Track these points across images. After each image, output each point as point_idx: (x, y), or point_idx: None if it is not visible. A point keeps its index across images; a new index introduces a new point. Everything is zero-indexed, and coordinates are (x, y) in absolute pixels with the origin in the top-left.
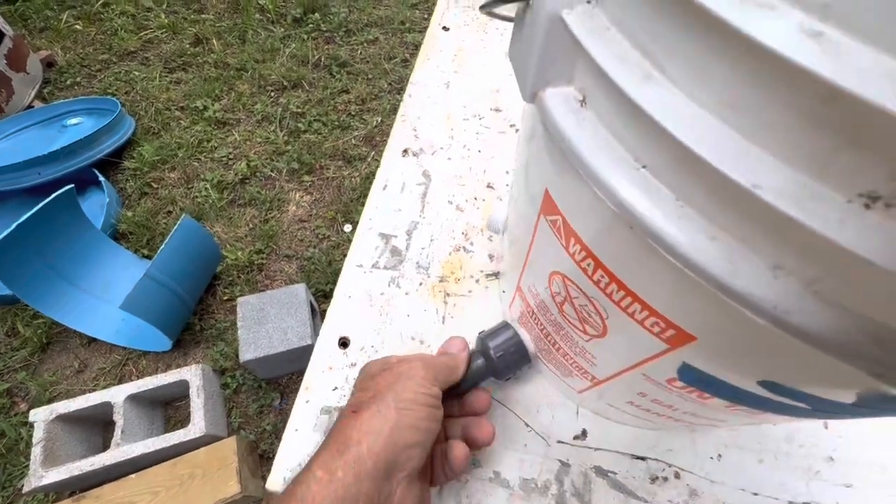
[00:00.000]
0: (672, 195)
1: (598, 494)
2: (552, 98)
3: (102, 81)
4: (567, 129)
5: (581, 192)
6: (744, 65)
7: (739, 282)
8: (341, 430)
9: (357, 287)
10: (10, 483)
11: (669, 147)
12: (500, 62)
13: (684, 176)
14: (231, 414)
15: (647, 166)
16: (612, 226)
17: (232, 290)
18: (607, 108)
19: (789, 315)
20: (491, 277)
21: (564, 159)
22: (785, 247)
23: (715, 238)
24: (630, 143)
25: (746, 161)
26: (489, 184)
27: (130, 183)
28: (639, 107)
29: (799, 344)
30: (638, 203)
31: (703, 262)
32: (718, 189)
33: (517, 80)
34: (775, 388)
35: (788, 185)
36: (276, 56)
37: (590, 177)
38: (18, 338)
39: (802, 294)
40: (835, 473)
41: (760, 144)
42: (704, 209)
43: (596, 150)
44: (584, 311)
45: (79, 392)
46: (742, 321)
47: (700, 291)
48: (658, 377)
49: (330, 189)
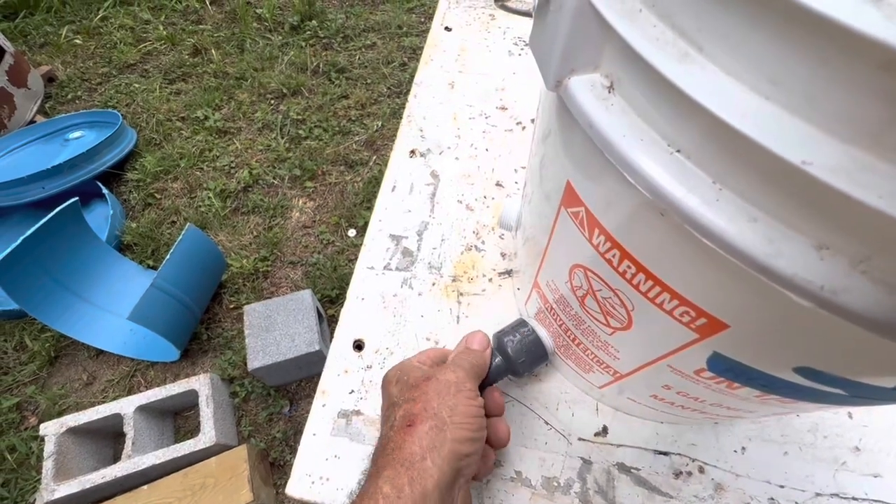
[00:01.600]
0: (709, 178)
1: (622, 491)
2: (578, 85)
3: (103, 94)
4: (595, 115)
5: (608, 181)
6: (792, 36)
7: (783, 263)
8: (399, 444)
9: (369, 289)
10: (21, 498)
11: (707, 127)
12: (503, 60)
13: (723, 157)
14: (241, 422)
15: (682, 150)
16: (640, 213)
17: (238, 298)
18: (638, 92)
19: (836, 295)
20: (504, 276)
21: (591, 148)
22: (832, 225)
23: (755, 220)
24: (662, 127)
25: (793, 137)
26: (498, 182)
27: (134, 194)
28: (675, 87)
29: (843, 326)
30: (673, 188)
31: (743, 244)
32: (761, 168)
33: (539, 69)
34: (812, 375)
35: (839, 159)
36: (275, 64)
37: (620, 163)
38: (27, 352)
39: (850, 273)
40: (862, 464)
41: (807, 119)
42: (744, 191)
43: (626, 136)
44: (608, 304)
45: (88, 404)
46: (782, 305)
47: (737, 276)
48: (685, 368)
49: (333, 194)
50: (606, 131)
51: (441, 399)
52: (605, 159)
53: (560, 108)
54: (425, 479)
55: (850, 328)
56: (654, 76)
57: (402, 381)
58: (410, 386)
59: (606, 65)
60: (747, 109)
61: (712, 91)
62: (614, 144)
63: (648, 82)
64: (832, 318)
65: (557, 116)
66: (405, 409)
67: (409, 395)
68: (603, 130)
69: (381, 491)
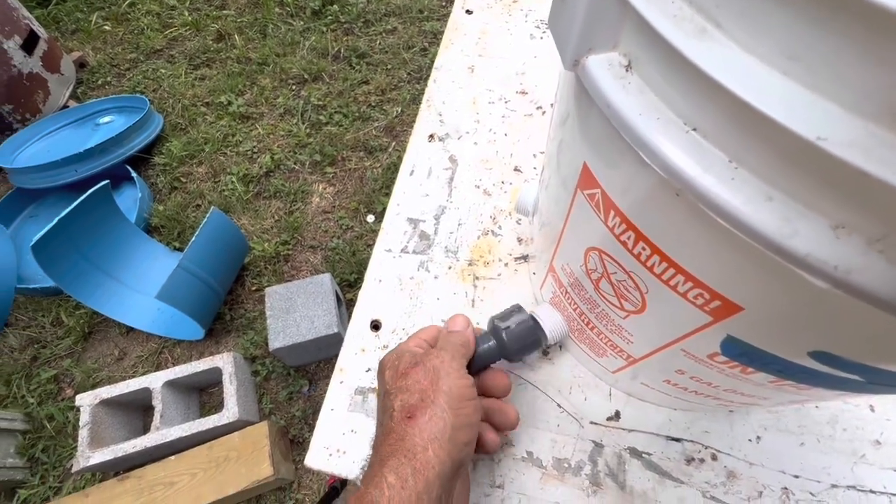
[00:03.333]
0: (724, 157)
1: (633, 475)
2: (595, 64)
3: (131, 80)
4: (611, 94)
5: (624, 162)
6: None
7: (798, 242)
8: (401, 436)
9: (387, 271)
10: (59, 463)
11: (724, 105)
12: (524, 44)
13: (739, 135)
14: (262, 400)
15: (698, 129)
16: (656, 194)
17: (260, 280)
18: (655, 70)
19: (850, 275)
20: (520, 260)
21: (608, 128)
22: (849, 203)
23: (771, 199)
24: (679, 106)
25: (810, 113)
26: (516, 167)
27: (161, 178)
28: (692, 64)
29: (859, 309)
30: (688, 167)
31: (758, 223)
32: (777, 145)
33: (557, 49)
34: (828, 360)
35: (856, 135)
36: (297, 49)
37: (636, 142)
38: (63, 327)
39: (866, 253)
40: (882, 457)
41: (825, 95)
42: (760, 169)
43: (642, 115)
44: (623, 287)
45: (119, 378)
46: (798, 286)
47: (752, 257)
48: (699, 353)
49: (352, 180)
50: (623, 110)
51: (434, 386)
52: (622, 139)
53: (578, 88)
54: (427, 469)
55: (865, 310)
56: (672, 54)
57: (394, 368)
58: (401, 374)
59: (624, 43)
60: (764, 86)
61: (730, 68)
62: (630, 123)
63: (666, 60)
64: (847, 300)
65: (575, 98)
66: (402, 399)
67: (402, 384)
68: (619, 109)
69: (385, 480)
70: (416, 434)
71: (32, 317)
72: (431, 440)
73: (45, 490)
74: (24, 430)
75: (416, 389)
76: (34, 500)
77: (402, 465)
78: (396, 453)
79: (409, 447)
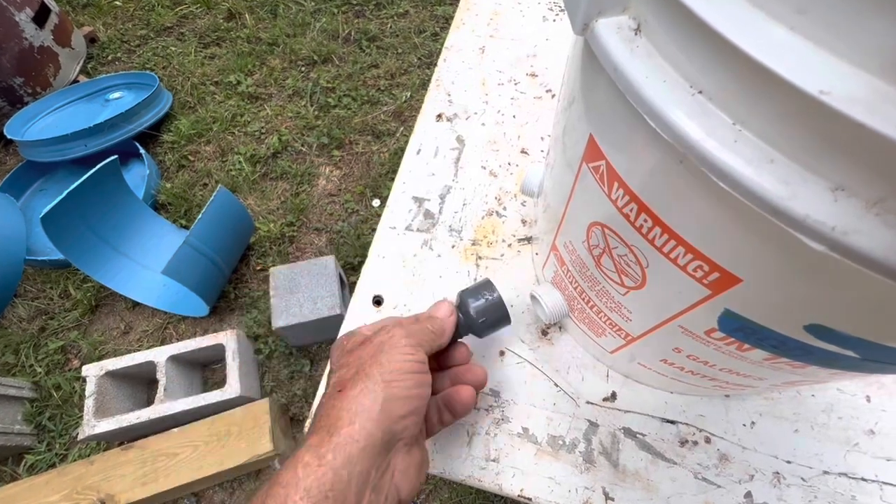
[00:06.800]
0: (729, 119)
1: (626, 454)
2: (605, 28)
3: (141, 56)
4: (620, 58)
5: (629, 129)
6: None
7: (796, 204)
8: (328, 411)
9: (390, 248)
10: (65, 431)
11: (729, 63)
12: (537, 26)
13: (744, 96)
14: (264, 378)
15: (703, 91)
16: (660, 162)
17: (265, 260)
18: (663, 31)
19: (847, 236)
20: (524, 242)
21: (615, 94)
22: (849, 163)
23: (773, 161)
24: (686, 68)
25: (815, 67)
26: (523, 149)
27: (168, 156)
28: (700, 21)
29: (856, 274)
30: (691, 129)
31: (759, 185)
32: (781, 104)
33: (567, 12)
34: (824, 334)
35: (860, 90)
36: (307, 30)
37: (641, 106)
38: (70, 300)
39: (863, 215)
40: (875, 447)
41: (832, 50)
42: (763, 131)
43: (648, 77)
44: (624, 262)
45: (125, 351)
46: (795, 253)
47: (751, 224)
48: (697, 329)
49: (359, 164)
50: (630, 73)
51: (372, 359)
52: (628, 105)
53: (586, 57)
54: (350, 444)
55: (861, 277)
56: (680, 11)
57: (341, 347)
58: (346, 352)
59: (634, 6)
60: (771, 41)
61: (737, 23)
62: (636, 87)
63: (674, 20)
64: (844, 266)
65: (582, 69)
66: (339, 375)
67: (344, 361)
68: (626, 72)
69: (301, 461)
70: (342, 408)
71: (41, 288)
72: (359, 412)
73: (51, 457)
74: (32, 399)
75: (354, 365)
76: (41, 465)
77: (322, 442)
78: (319, 430)
79: (332, 422)
